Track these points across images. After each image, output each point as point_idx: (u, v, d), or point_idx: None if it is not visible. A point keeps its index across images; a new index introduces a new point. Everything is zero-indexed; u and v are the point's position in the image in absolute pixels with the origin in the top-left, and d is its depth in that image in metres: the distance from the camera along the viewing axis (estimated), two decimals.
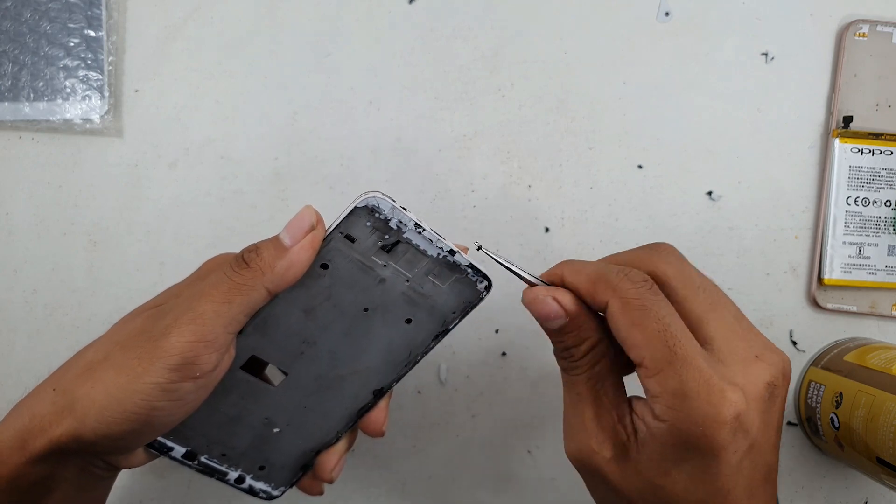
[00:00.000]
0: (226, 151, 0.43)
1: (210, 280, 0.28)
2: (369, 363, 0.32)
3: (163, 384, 0.26)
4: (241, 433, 0.32)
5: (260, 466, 0.33)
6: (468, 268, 0.30)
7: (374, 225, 0.29)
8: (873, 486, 0.44)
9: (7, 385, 0.42)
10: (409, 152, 0.43)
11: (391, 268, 0.30)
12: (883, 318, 0.44)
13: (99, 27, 0.42)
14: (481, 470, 0.43)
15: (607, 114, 0.44)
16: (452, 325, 0.32)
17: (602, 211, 0.43)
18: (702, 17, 0.44)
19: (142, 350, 0.26)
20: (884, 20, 0.43)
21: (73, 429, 0.26)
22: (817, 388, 0.41)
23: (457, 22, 0.44)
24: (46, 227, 0.42)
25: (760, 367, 0.26)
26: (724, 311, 0.28)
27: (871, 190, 0.43)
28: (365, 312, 0.31)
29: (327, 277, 0.30)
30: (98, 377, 0.27)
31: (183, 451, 0.32)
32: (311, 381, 0.32)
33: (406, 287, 0.30)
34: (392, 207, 0.28)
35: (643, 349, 0.25)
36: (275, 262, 0.27)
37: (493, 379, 0.43)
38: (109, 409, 0.26)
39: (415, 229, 0.29)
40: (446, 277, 0.30)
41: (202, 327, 0.26)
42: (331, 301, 0.30)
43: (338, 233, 0.29)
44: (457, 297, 0.31)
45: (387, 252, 0.29)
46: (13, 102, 0.41)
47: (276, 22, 0.43)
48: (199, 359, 0.26)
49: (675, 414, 0.25)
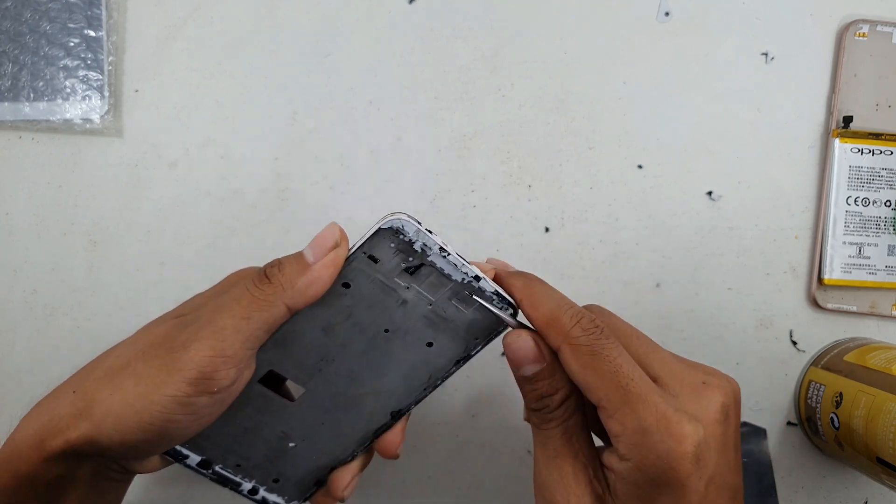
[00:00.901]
0: (226, 151, 0.43)
1: (232, 293, 0.28)
2: (388, 384, 0.32)
3: (180, 397, 0.26)
4: (256, 445, 0.32)
5: (274, 479, 0.33)
6: (493, 294, 0.30)
7: (398, 247, 0.28)
8: (873, 486, 0.44)
9: (7, 385, 0.42)
10: (409, 152, 0.43)
11: (414, 290, 0.29)
12: (883, 318, 0.44)
13: (99, 27, 0.42)
14: (481, 470, 0.43)
15: (607, 114, 0.44)
16: (475, 351, 0.31)
17: (602, 211, 0.43)
18: (702, 17, 0.44)
19: (161, 361, 0.27)
20: (884, 20, 0.43)
21: (89, 433, 0.26)
22: (817, 388, 0.41)
23: (457, 22, 0.44)
24: (46, 227, 0.42)
25: (711, 393, 0.27)
26: (662, 351, 0.28)
27: (871, 190, 0.43)
28: (385, 333, 0.30)
29: (349, 297, 0.29)
30: (118, 384, 0.27)
31: (198, 459, 0.32)
32: (328, 398, 0.32)
33: (428, 310, 0.30)
34: (417, 230, 0.28)
35: (598, 391, 0.26)
36: (296, 279, 0.27)
37: (493, 379, 0.43)
38: (126, 417, 0.26)
39: (439, 253, 0.28)
40: (470, 303, 0.30)
41: (221, 342, 0.26)
42: (351, 320, 0.30)
43: (361, 252, 0.28)
44: (480, 322, 0.31)
45: (410, 274, 0.29)
46: (13, 102, 0.41)
47: (276, 22, 0.43)
48: (217, 374, 0.26)
49: (638, 451, 0.25)
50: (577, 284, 0.43)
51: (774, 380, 0.44)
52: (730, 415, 0.27)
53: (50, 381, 0.42)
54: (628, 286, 0.43)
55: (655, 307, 0.43)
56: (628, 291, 0.43)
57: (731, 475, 0.27)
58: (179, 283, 0.42)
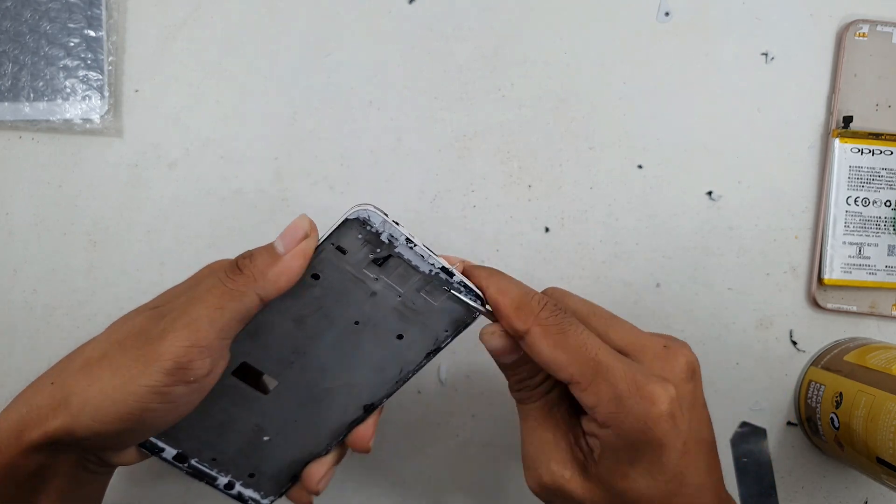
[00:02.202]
0: (226, 151, 0.43)
1: (205, 285, 0.28)
2: (359, 377, 0.32)
3: (157, 387, 0.26)
4: (231, 438, 0.33)
5: (250, 474, 0.34)
6: (461, 285, 0.30)
7: (365, 238, 0.29)
8: (873, 486, 0.44)
9: (7, 385, 0.42)
10: (409, 152, 0.43)
11: (383, 282, 0.30)
12: (883, 318, 0.44)
13: (99, 27, 0.42)
14: (481, 470, 0.43)
15: (607, 114, 0.44)
16: (444, 343, 0.32)
17: (602, 211, 0.43)
18: (702, 17, 0.44)
19: (138, 352, 0.27)
20: (884, 20, 0.43)
21: (66, 424, 0.27)
22: (817, 388, 0.41)
23: (457, 22, 0.44)
24: (46, 227, 0.42)
25: (674, 354, 0.28)
26: (622, 323, 0.30)
27: (871, 190, 0.43)
28: (356, 326, 0.31)
29: (318, 288, 0.30)
30: (95, 375, 0.27)
31: (174, 452, 0.32)
32: (301, 391, 0.32)
33: (397, 302, 0.30)
34: (383, 221, 0.28)
35: (570, 367, 0.27)
36: (267, 269, 0.28)
37: (493, 379, 0.43)
38: (103, 408, 0.26)
39: (406, 244, 0.29)
40: (439, 295, 0.30)
41: (196, 333, 0.27)
42: (321, 312, 0.30)
43: (329, 244, 0.29)
44: (449, 315, 0.31)
45: (378, 266, 0.29)
46: (13, 102, 0.41)
47: (276, 22, 0.43)
48: (193, 364, 0.27)
49: (615, 417, 0.26)
50: (577, 284, 0.43)
51: (774, 380, 0.44)
52: (696, 372, 0.28)
53: None
54: (628, 286, 0.43)
55: (655, 307, 0.43)
56: (628, 291, 0.43)
57: (705, 430, 0.28)
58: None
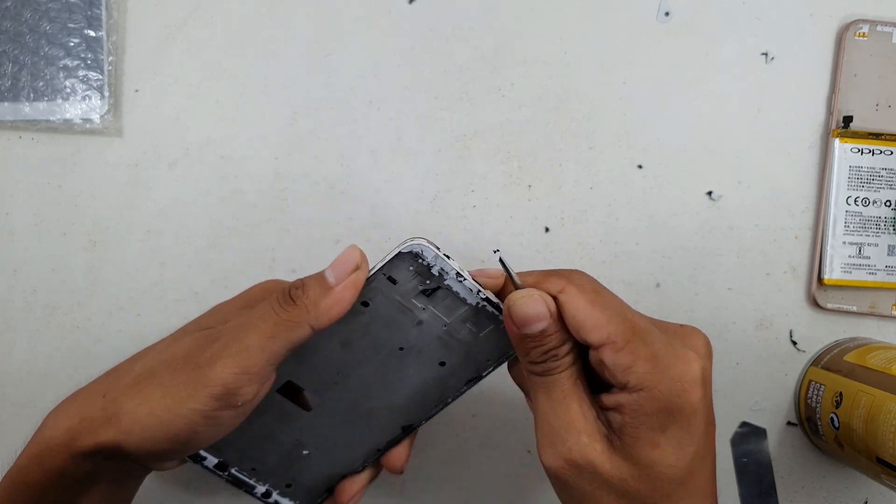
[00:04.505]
0: (226, 151, 0.43)
1: (257, 313, 0.29)
2: (400, 400, 0.33)
3: (205, 411, 0.27)
4: (271, 451, 0.33)
5: (287, 484, 0.35)
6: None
7: (416, 270, 0.29)
8: (873, 486, 0.44)
9: (7, 385, 0.42)
10: (409, 152, 0.43)
11: (430, 311, 0.30)
12: (883, 318, 0.44)
13: (99, 27, 0.42)
14: (481, 470, 0.43)
15: (607, 114, 0.44)
16: (486, 372, 0.33)
17: (602, 211, 0.43)
18: (702, 17, 0.44)
19: (188, 376, 0.28)
20: (884, 20, 0.43)
21: (116, 439, 0.28)
22: (817, 388, 0.41)
23: (457, 22, 0.44)
24: (46, 227, 0.42)
25: (692, 332, 0.29)
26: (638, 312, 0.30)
27: (871, 190, 0.43)
28: (400, 351, 0.31)
29: (367, 315, 0.30)
30: (146, 395, 0.28)
31: (215, 461, 0.33)
32: (342, 410, 0.33)
33: (443, 331, 0.31)
34: (435, 255, 0.29)
35: (606, 326, 0.27)
36: (320, 301, 0.28)
37: (493, 379, 0.43)
38: (153, 428, 0.28)
39: (456, 278, 0.30)
40: (483, 326, 0.31)
41: (247, 360, 0.27)
42: (368, 337, 0.31)
43: (381, 274, 0.30)
44: (492, 345, 0.32)
45: (427, 296, 0.30)
46: (13, 102, 0.41)
47: (276, 22, 0.43)
48: (242, 390, 0.28)
49: (652, 377, 0.26)
50: None
51: (774, 380, 0.44)
52: (711, 353, 0.29)
53: (50, 380, 0.42)
54: (628, 286, 0.43)
55: (655, 307, 0.43)
56: (628, 291, 0.43)
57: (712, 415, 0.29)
58: (179, 283, 0.42)
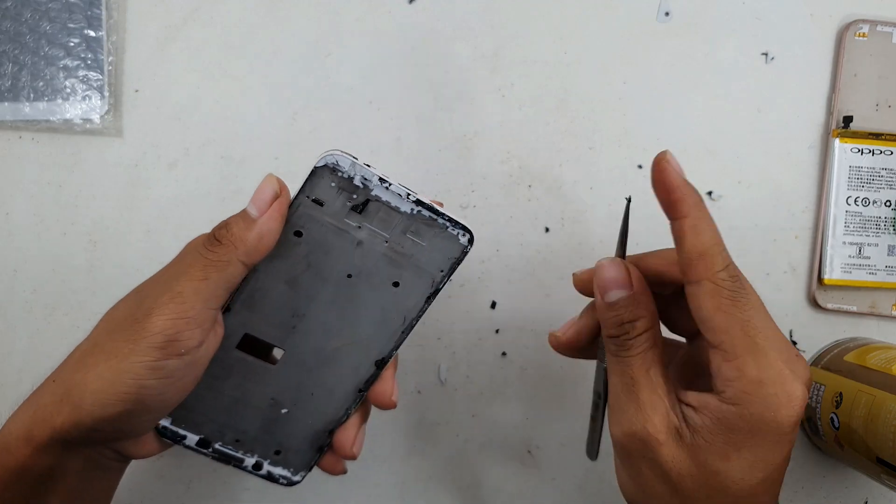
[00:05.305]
0: (226, 151, 0.43)
1: (186, 260, 0.29)
2: (364, 333, 0.31)
3: (149, 362, 0.27)
4: (249, 416, 0.32)
5: (276, 451, 0.33)
6: (446, 221, 0.29)
7: (338, 185, 0.28)
8: (873, 486, 0.44)
9: (7, 385, 0.42)
10: (409, 152, 0.43)
11: (366, 229, 0.29)
12: (883, 318, 0.44)
13: (99, 27, 0.42)
14: (481, 470, 0.43)
15: (607, 114, 0.44)
16: (442, 283, 0.31)
17: (602, 211, 0.43)
18: (702, 17, 0.44)
19: (126, 333, 0.27)
20: (884, 20, 0.43)
21: (72, 416, 0.27)
22: (817, 388, 0.41)
23: (457, 22, 0.44)
24: (46, 227, 0.42)
25: (802, 366, 0.27)
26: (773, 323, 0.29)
27: (871, 190, 0.43)
28: (349, 279, 0.30)
29: (303, 245, 0.29)
30: (90, 364, 0.28)
31: (196, 438, 0.32)
32: (308, 356, 0.31)
33: (386, 248, 0.30)
34: (352, 163, 0.28)
35: (724, 334, 0.26)
36: (245, 235, 0.28)
37: (493, 379, 0.43)
38: (102, 391, 0.27)
39: (381, 185, 0.28)
40: (425, 234, 0.30)
41: (182, 305, 0.27)
42: (311, 270, 0.30)
43: (304, 197, 0.28)
44: (440, 253, 0.30)
45: (358, 213, 0.29)
46: (13, 102, 0.41)
47: (276, 22, 0.43)
48: (182, 335, 0.27)
49: (749, 399, 0.26)
50: None
51: None
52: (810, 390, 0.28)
53: None
54: None
55: None
56: None
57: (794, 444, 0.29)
58: None
